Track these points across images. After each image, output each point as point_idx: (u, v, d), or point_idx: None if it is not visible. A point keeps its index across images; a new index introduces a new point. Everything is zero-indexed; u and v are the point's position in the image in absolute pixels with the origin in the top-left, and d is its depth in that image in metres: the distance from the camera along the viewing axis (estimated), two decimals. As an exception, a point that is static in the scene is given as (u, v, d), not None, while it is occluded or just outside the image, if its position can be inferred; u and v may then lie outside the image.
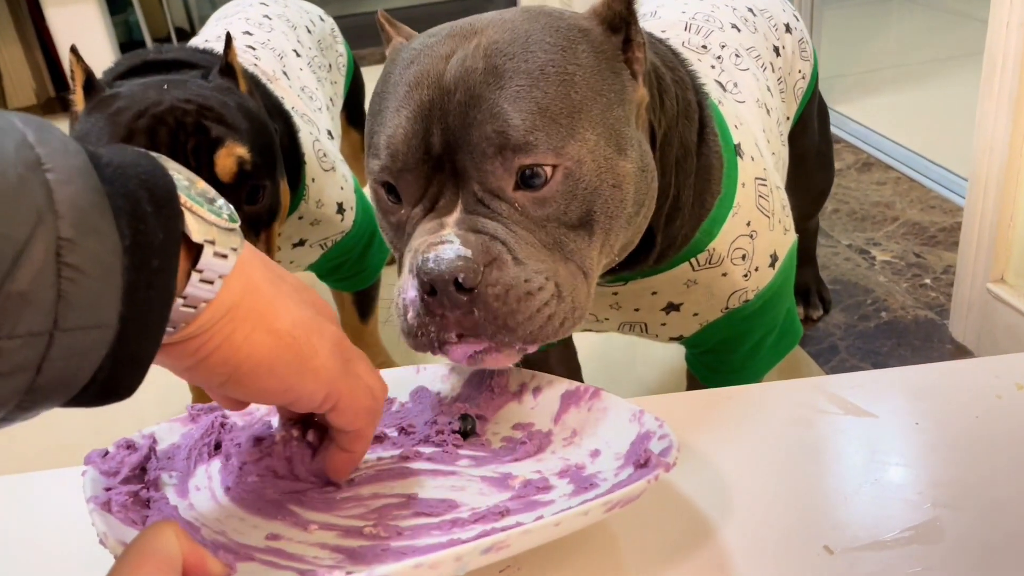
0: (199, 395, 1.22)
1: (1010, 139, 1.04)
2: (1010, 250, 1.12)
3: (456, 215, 0.50)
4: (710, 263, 0.68)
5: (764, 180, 0.71)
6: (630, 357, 1.27)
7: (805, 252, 1.34)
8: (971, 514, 0.46)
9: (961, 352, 1.20)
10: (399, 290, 0.50)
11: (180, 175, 0.36)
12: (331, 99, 1.24)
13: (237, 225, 0.38)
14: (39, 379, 0.30)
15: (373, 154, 0.52)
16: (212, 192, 0.38)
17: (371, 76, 0.59)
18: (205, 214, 0.36)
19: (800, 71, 0.98)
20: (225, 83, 0.86)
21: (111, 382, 0.33)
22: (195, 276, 0.36)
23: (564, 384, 0.52)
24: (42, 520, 0.53)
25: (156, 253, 0.33)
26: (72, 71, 0.83)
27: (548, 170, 0.50)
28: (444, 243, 0.48)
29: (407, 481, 0.48)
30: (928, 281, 1.38)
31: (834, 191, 1.72)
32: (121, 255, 0.31)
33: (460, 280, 0.46)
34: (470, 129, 0.49)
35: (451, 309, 0.47)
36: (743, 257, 0.69)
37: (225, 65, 0.88)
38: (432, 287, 0.47)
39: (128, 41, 3.09)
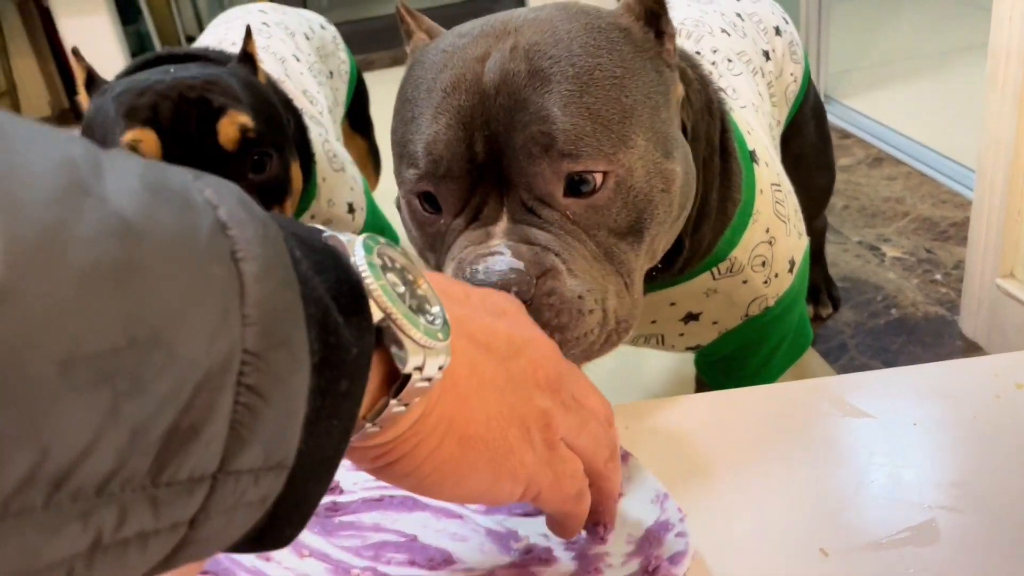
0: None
1: (1016, 133, 1.03)
2: (1018, 245, 1.11)
3: (503, 224, 0.48)
4: (731, 272, 0.67)
5: (779, 185, 0.71)
6: (635, 363, 1.27)
7: (813, 251, 1.33)
8: (968, 515, 0.46)
9: (972, 348, 1.19)
10: None
11: (396, 276, 0.30)
12: (331, 105, 1.24)
13: (449, 340, 0.31)
14: (189, 538, 0.23)
15: (409, 163, 0.50)
16: (431, 294, 0.31)
17: (378, 80, 0.56)
18: (418, 336, 0.29)
19: (792, 74, 0.97)
20: (240, 68, 0.87)
21: (267, 532, 0.26)
22: (392, 402, 0.29)
23: None
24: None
25: (347, 373, 0.26)
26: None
27: (598, 177, 0.48)
28: (494, 254, 0.46)
29: (411, 517, 0.46)
30: (939, 277, 1.36)
31: (844, 187, 1.71)
32: (309, 376, 0.24)
33: (513, 294, 0.45)
34: (515, 133, 0.47)
35: None
36: (763, 264, 0.68)
37: (244, 54, 0.88)
38: None
39: (139, 50, 3.12)
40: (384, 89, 0.57)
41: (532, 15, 0.52)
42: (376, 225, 1.13)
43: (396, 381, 0.29)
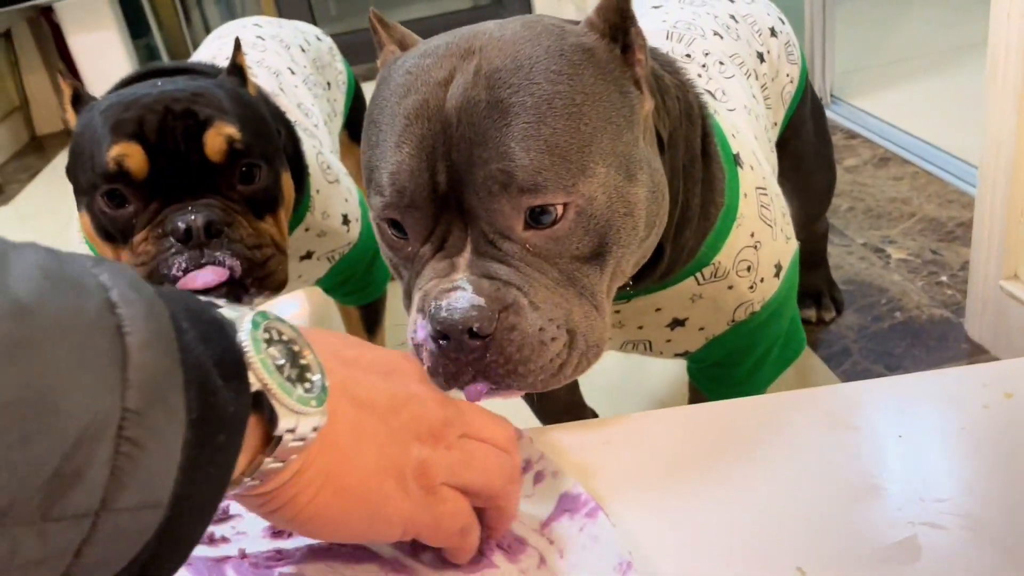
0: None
1: (1016, 133, 1.02)
2: (1021, 246, 1.09)
3: (466, 256, 0.49)
4: (715, 277, 0.67)
5: (764, 189, 0.70)
6: (640, 369, 1.25)
7: (815, 254, 1.32)
8: (952, 532, 0.45)
9: (977, 352, 1.17)
10: (410, 329, 0.50)
11: (280, 348, 0.34)
12: (328, 116, 1.24)
13: (325, 405, 0.35)
14: (75, 565, 0.27)
15: (376, 190, 0.51)
16: (314, 363, 0.35)
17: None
18: (291, 403, 0.33)
19: (788, 75, 0.96)
20: (229, 80, 0.87)
21: (151, 565, 0.30)
22: (267, 460, 0.33)
23: (567, 483, 0.48)
24: None
25: (224, 428, 0.30)
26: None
27: (559, 208, 0.48)
28: (457, 289, 0.47)
29: (359, 568, 0.44)
30: (945, 278, 1.34)
31: (849, 188, 1.69)
32: (185, 429, 0.29)
33: (475, 329, 0.46)
34: (475, 168, 0.47)
35: (464, 354, 0.47)
36: (748, 269, 0.68)
37: (233, 66, 0.89)
38: (445, 334, 0.47)
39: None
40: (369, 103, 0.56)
41: (498, 32, 0.51)
42: (372, 236, 1.12)
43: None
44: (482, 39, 0.51)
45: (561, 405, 0.96)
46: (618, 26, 0.52)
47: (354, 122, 1.42)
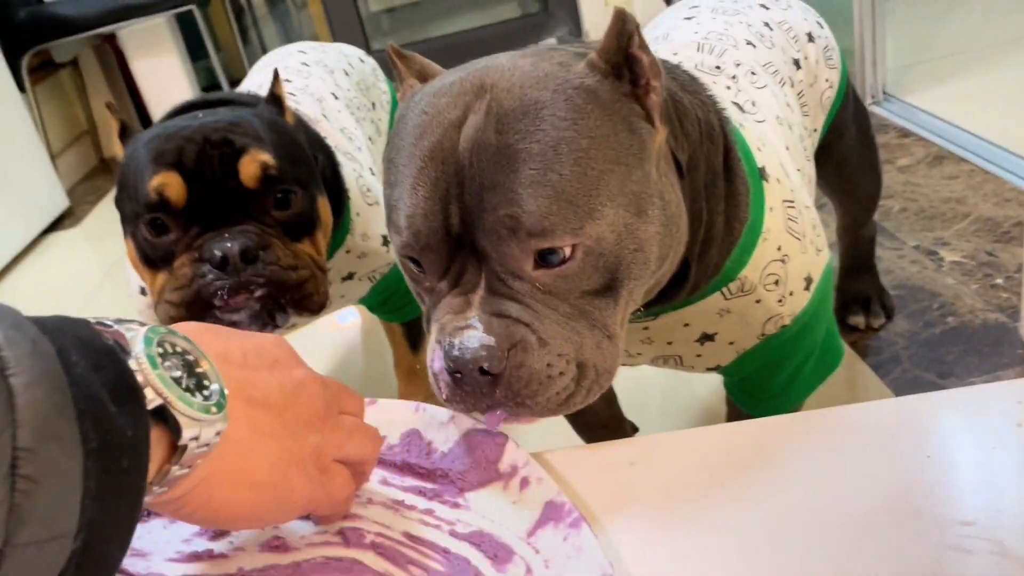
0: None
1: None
2: (1078, 248, 1.05)
3: (480, 293, 0.51)
4: (743, 291, 0.67)
5: (792, 202, 0.70)
6: (686, 382, 1.24)
7: (863, 260, 1.30)
8: (978, 557, 0.44)
9: (1033, 357, 1.13)
10: (429, 356, 0.53)
11: (176, 360, 0.36)
12: (371, 137, 1.27)
13: (225, 410, 0.38)
14: None
15: (395, 230, 0.53)
16: (211, 372, 0.38)
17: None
18: (192, 412, 0.36)
19: (827, 80, 0.95)
20: (267, 109, 0.90)
21: None
22: (174, 468, 0.36)
23: (551, 490, 0.49)
24: None
25: (126, 453, 0.32)
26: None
27: (568, 249, 0.50)
28: (468, 328, 0.49)
29: None
30: (1000, 281, 1.30)
31: (901, 188, 1.65)
32: (83, 460, 0.30)
33: (484, 368, 0.49)
34: (485, 213, 0.49)
35: (476, 387, 0.50)
36: (776, 283, 0.68)
37: (271, 96, 0.92)
38: (458, 370, 0.50)
39: (210, 86, 3.26)
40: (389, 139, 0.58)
41: (508, 66, 0.52)
42: None
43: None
44: (493, 76, 0.52)
45: (598, 420, 0.96)
46: (622, 64, 0.52)
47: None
